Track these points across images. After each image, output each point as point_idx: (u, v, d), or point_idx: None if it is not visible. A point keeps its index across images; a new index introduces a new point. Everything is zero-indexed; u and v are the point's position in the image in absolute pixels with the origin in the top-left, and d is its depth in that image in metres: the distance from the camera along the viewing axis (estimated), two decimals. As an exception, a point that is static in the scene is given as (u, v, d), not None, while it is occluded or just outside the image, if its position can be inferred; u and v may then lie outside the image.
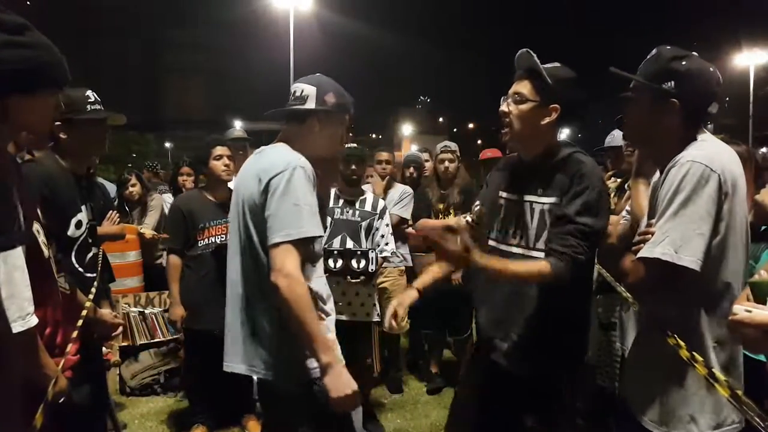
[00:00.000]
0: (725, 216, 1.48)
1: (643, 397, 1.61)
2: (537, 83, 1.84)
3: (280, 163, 1.77)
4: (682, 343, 1.48)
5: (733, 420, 1.52)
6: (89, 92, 2.20)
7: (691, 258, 1.43)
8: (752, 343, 1.19)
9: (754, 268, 1.82)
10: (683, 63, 1.57)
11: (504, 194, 2.01)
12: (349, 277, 3.30)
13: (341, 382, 1.69)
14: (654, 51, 1.64)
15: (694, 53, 1.61)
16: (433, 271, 2.15)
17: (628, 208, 2.68)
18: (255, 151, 2.00)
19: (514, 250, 1.92)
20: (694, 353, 1.44)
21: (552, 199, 1.85)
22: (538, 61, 1.83)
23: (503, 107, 1.90)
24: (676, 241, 1.44)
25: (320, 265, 1.93)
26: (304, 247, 1.74)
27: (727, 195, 1.47)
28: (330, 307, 1.95)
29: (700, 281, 1.48)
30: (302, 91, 1.91)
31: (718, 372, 1.36)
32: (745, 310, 1.16)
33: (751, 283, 1.26)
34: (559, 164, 1.86)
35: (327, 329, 1.87)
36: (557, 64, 1.89)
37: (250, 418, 3.48)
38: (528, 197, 1.91)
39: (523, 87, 1.86)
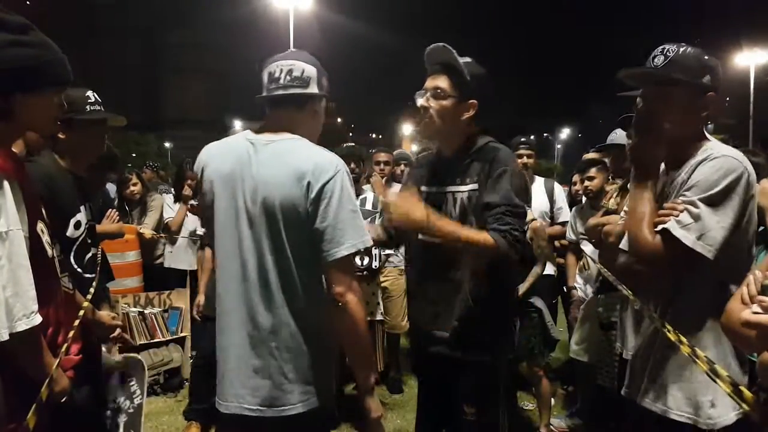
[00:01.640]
0: (747, 213, 1.54)
1: (659, 388, 1.62)
2: (455, 79, 1.89)
3: (327, 166, 1.55)
4: (683, 339, 1.50)
5: None
6: (90, 92, 2.20)
7: (709, 247, 1.47)
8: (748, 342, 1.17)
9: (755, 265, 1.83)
10: (707, 57, 1.63)
11: (425, 188, 2.07)
12: None
13: (378, 405, 1.72)
14: (672, 47, 1.62)
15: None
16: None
17: (626, 208, 2.68)
18: (246, 136, 1.68)
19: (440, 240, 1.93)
20: (695, 348, 1.46)
21: (471, 186, 1.93)
22: (457, 57, 1.88)
23: (422, 102, 1.93)
24: (701, 229, 1.48)
25: None
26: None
27: (752, 195, 1.54)
28: None
29: (717, 272, 1.53)
30: (303, 71, 1.64)
31: (719, 368, 1.37)
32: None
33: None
34: (476, 154, 1.95)
35: None
36: (468, 59, 1.93)
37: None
38: (449, 188, 1.98)
39: (443, 82, 1.90)
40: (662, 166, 1.73)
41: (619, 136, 3.19)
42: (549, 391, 3.42)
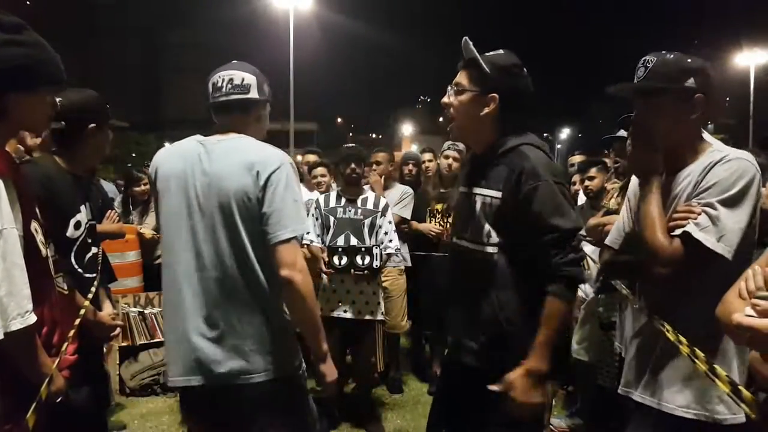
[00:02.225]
0: (757, 215, 1.58)
1: (666, 385, 1.62)
2: (475, 73, 1.81)
3: (274, 158, 1.74)
4: (682, 339, 1.51)
5: None
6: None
7: (728, 248, 1.50)
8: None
9: None
10: (690, 60, 1.64)
11: (461, 189, 2.00)
12: (353, 270, 3.31)
13: (332, 369, 1.86)
14: (651, 58, 1.65)
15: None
16: None
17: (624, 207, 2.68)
18: (196, 139, 1.85)
19: (467, 245, 1.89)
20: (694, 348, 1.46)
21: (492, 192, 1.81)
22: (474, 50, 1.79)
23: (444, 98, 1.89)
24: (720, 230, 1.50)
25: None
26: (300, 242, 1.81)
27: (759, 195, 1.56)
28: None
29: (727, 272, 1.51)
30: (243, 80, 1.82)
31: (718, 368, 1.37)
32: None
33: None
34: (502, 156, 1.80)
35: None
36: (500, 52, 1.83)
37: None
38: (476, 189, 1.88)
39: (463, 77, 1.84)
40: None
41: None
42: (549, 391, 3.42)
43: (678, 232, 1.55)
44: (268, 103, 1.90)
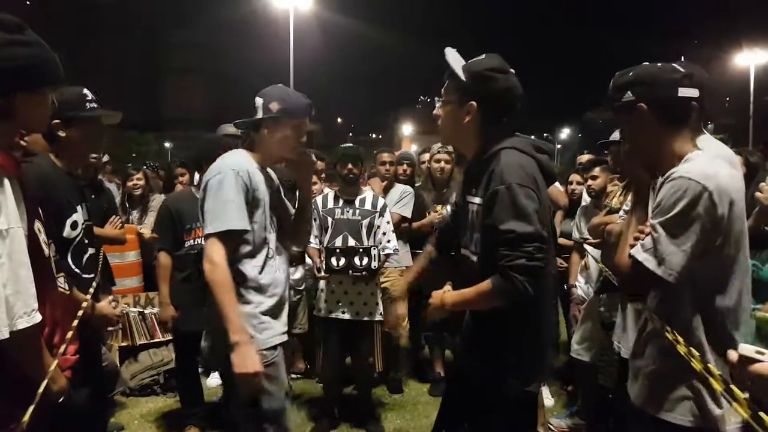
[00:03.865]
0: (720, 234, 1.49)
1: (660, 391, 1.60)
2: (453, 83, 1.85)
3: (218, 167, 2.05)
4: (680, 339, 1.50)
5: None
6: (85, 90, 2.20)
7: (669, 271, 1.48)
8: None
9: (762, 270, 1.82)
10: (630, 73, 1.64)
11: (458, 198, 2.08)
12: (350, 271, 3.30)
13: (245, 360, 1.87)
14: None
15: (645, 63, 1.65)
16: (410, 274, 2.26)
17: (626, 207, 2.68)
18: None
19: (466, 253, 1.93)
20: (691, 348, 1.46)
21: (477, 199, 1.84)
22: (450, 60, 1.82)
23: (435, 110, 1.96)
24: (661, 253, 1.48)
25: (264, 256, 2.10)
26: (231, 239, 1.98)
27: (721, 212, 1.47)
28: (273, 293, 2.10)
29: (697, 295, 1.53)
30: (254, 103, 2.13)
31: (713, 367, 1.38)
32: (757, 351, 1.06)
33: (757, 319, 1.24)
34: (486, 162, 1.81)
35: (255, 312, 2.04)
36: (481, 57, 1.83)
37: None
38: (468, 198, 1.92)
39: (444, 89, 1.89)
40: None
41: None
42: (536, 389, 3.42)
43: (629, 252, 1.57)
44: (275, 119, 2.09)
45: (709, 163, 1.54)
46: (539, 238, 1.67)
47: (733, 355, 1.08)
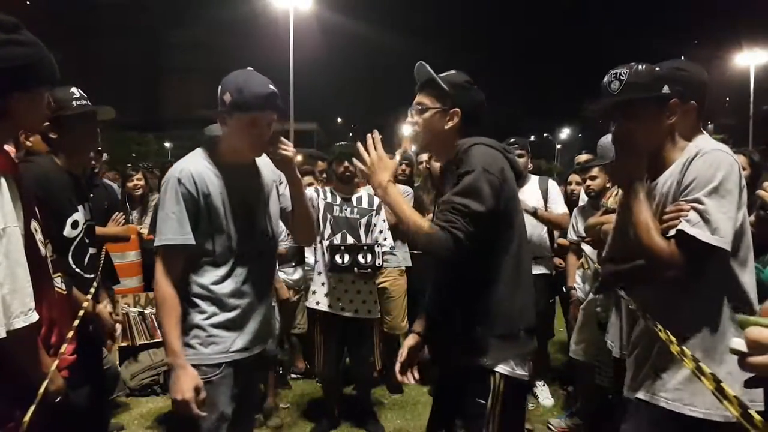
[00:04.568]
0: (743, 205, 1.59)
1: (663, 382, 1.62)
2: (435, 92, 1.92)
3: (167, 175, 1.91)
4: (672, 338, 1.52)
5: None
6: (74, 89, 2.19)
7: (723, 239, 1.51)
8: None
9: (763, 272, 1.83)
10: (658, 68, 1.69)
11: (438, 200, 2.06)
12: (356, 269, 3.30)
13: (176, 385, 1.81)
14: (624, 71, 1.69)
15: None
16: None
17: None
18: None
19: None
20: (683, 348, 1.48)
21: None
22: (432, 72, 1.92)
23: (409, 118, 2.00)
24: (712, 223, 1.51)
25: (230, 264, 1.93)
26: (178, 253, 1.87)
27: (743, 185, 1.58)
28: (234, 305, 1.94)
29: (728, 265, 1.59)
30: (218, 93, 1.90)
31: (704, 366, 1.38)
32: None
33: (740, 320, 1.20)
34: (459, 159, 1.86)
35: (203, 323, 1.92)
36: (452, 72, 1.97)
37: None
38: (445, 198, 1.90)
39: (424, 97, 1.95)
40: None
41: (608, 142, 3.16)
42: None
43: (672, 232, 1.56)
44: (229, 113, 1.85)
45: (720, 143, 1.66)
46: (484, 217, 1.71)
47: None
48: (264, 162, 2.06)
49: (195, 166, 1.89)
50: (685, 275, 1.58)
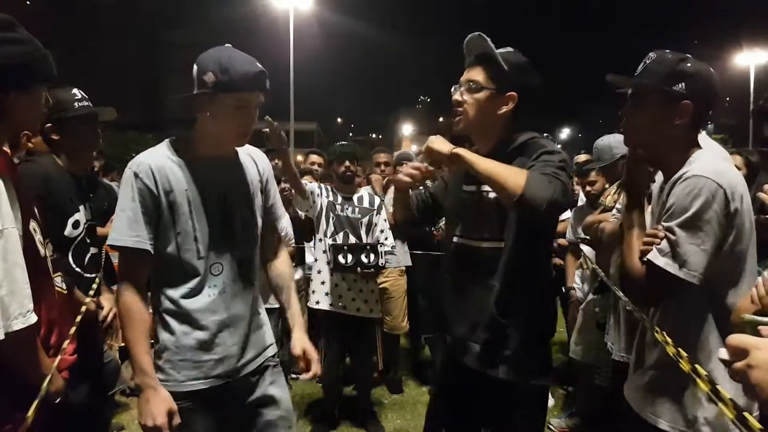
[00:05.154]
0: (733, 230, 1.49)
1: (654, 396, 1.59)
2: (492, 70, 1.74)
3: (125, 169, 1.65)
4: (669, 340, 1.50)
5: None
6: (75, 90, 2.20)
7: (692, 273, 1.45)
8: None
9: (761, 273, 1.82)
10: (689, 65, 1.57)
11: (465, 187, 1.89)
12: (359, 268, 3.30)
13: (145, 409, 1.54)
14: (652, 55, 1.62)
15: (689, 55, 1.61)
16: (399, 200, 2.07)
17: (618, 206, 2.69)
18: None
19: (484, 245, 1.82)
20: (679, 349, 1.46)
21: None
22: (492, 46, 1.72)
23: (456, 96, 1.80)
24: (681, 256, 1.45)
25: (200, 275, 1.66)
26: (135, 256, 1.60)
27: (735, 209, 1.47)
28: (207, 322, 1.67)
29: (711, 292, 1.51)
30: (193, 73, 1.62)
31: (700, 367, 1.37)
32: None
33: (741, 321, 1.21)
34: (518, 150, 1.76)
35: (173, 345, 1.66)
36: (510, 49, 1.78)
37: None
38: (488, 188, 1.78)
39: (477, 74, 1.76)
40: (657, 181, 1.72)
41: (604, 143, 3.16)
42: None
43: (644, 258, 1.53)
44: (211, 95, 1.58)
45: (717, 160, 1.55)
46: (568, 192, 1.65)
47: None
48: (246, 154, 1.81)
49: (155, 159, 1.63)
50: (657, 297, 1.56)
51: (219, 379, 1.69)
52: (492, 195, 1.76)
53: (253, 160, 1.83)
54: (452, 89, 1.84)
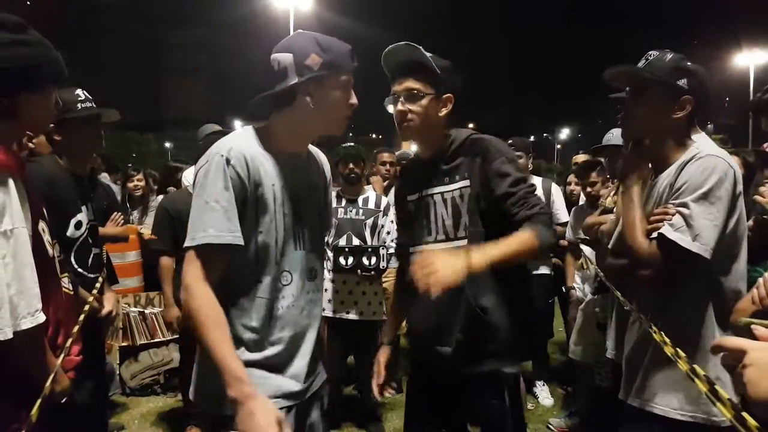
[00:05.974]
0: (736, 211, 1.57)
1: (659, 388, 1.61)
2: (426, 76, 1.78)
3: (205, 155, 1.44)
4: (666, 340, 1.51)
5: None
6: (79, 91, 2.20)
7: (704, 247, 1.49)
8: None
9: (761, 274, 1.83)
10: (689, 63, 1.67)
11: (410, 197, 1.95)
12: (359, 271, 3.30)
13: (251, 425, 1.27)
14: (654, 52, 1.69)
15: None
16: (392, 322, 2.14)
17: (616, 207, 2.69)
18: None
19: (437, 246, 1.82)
20: (677, 349, 1.47)
21: (461, 183, 1.81)
22: (425, 53, 1.77)
23: (399, 107, 1.81)
24: (695, 229, 1.50)
25: (273, 282, 1.47)
26: (216, 254, 1.38)
27: (740, 192, 1.56)
28: (278, 338, 1.48)
29: (711, 271, 1.55)
30: (279, 64, 1.45)
31: (698, 368, 1.38)
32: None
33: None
34: (460, 149, 1.82)
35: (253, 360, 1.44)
36: (431, 54, 1.82)
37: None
38: (435, 190, 1.85)
39: (413, 83, 1.79)
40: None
41: (615, 136, 3.20)
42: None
43: (654, 234, 1.56)
44: (319, 78, 1.44)
45: (716, 147, 1.64)
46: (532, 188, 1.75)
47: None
48: (315, 154, 1.67)
49: (247, 147, 1.44)
50: (661, 277, 1.58)
51: (287, 399, 1.48)
52: (448, 196, 1.83)
53: (319, 161, 1.69)
54: (385, 102, 1.89)
